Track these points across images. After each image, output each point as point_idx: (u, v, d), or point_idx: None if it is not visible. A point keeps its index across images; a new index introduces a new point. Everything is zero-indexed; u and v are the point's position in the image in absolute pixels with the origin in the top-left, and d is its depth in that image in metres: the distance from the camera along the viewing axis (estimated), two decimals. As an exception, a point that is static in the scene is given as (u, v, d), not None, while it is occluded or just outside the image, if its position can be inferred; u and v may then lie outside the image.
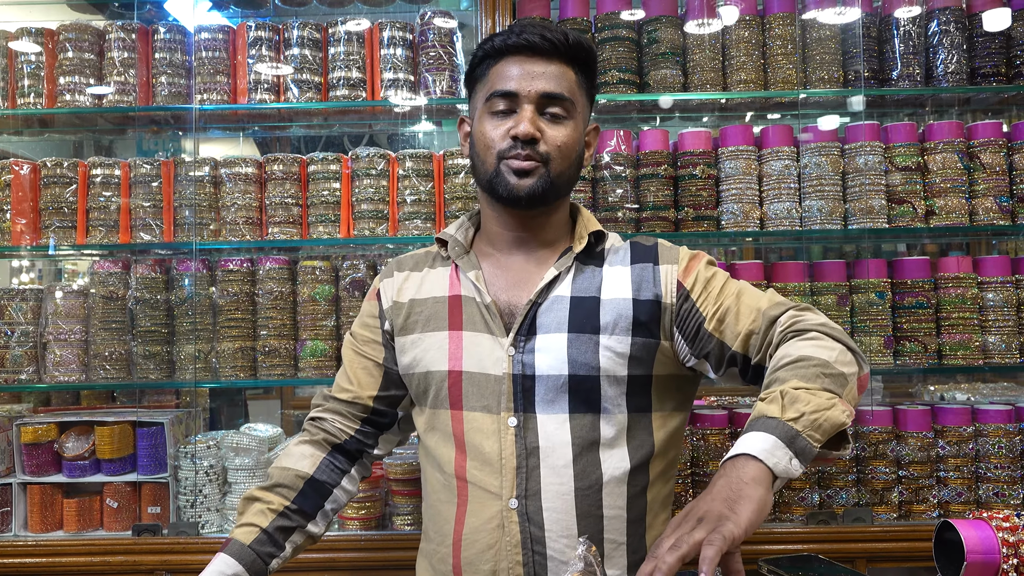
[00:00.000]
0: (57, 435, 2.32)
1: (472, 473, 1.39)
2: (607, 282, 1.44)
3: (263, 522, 1.41)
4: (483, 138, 1.43)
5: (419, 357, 1.46)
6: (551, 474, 1.36)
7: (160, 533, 2.22)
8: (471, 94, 1.51)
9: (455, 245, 1.51)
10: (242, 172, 2.37)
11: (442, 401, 1.44)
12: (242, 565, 1.36)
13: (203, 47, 2.39)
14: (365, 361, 1.55)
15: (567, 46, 1.41)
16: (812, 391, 1.12)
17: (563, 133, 1.41)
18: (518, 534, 1.34)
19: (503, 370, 1.39)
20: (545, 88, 1.40)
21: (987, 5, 2.38)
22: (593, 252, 1.49)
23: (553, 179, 1.41)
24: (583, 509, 1.36)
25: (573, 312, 1.41)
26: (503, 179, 1.40)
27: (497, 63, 1.43)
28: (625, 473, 1.39)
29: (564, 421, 1.37)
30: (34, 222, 2.40)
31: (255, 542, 1.39)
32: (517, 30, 1.42)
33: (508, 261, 1.49)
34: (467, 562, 1.37)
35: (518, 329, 1.41)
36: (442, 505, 1.44)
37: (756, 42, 2.38)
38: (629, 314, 1.41)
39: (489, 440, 1.38)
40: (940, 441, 2.24)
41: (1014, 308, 2.29)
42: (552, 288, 1.44)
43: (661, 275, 1.44)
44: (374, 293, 1.58)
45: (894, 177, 2.32)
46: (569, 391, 1.38)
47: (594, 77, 1.51)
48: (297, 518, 1.45)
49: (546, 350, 1.39)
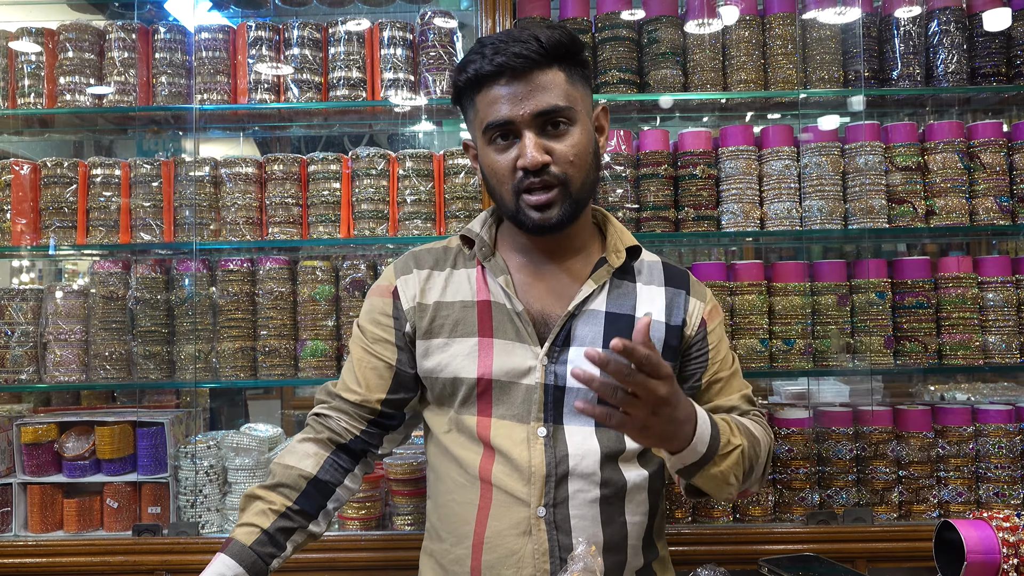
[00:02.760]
0: (57, 435, 2.32)
1: (498, 477, 1.38)
2: (642, 301, 1.46)
3: (264, 523, 1.39)
4: (492, 172, 1.39)
5: (445, 362, 1.43)
6: (579, 482, 1.37)
7: (160, 533, 2.22)
8: (465, 118, 1.46)
9: (482, 245, 1.47)
10: (242, 172, 2.37)
11: (470, 406, 1.43)
12: (242, 567, 1.34)
13: (203, 47, 2.39)
14: (375, 361, 1.49)
15: (544, 52, 1.32)
16: (745, 447, 1.33)
17: (571, 142, 1.35)
18: (546, 542, 1.35)
19: (536, 380, 1.39)
20: (538, 107, 1.32)
21: (987, 5, 2.38)
22: (626, 267, 1.48)
23: (575, 197, 1.37)
24: (607, 516, 1.38)
25: (608, 328, 1.42)
26: (526, 215, 1.37)
27: (480, 91, 1.36)
28: (645, 480, 1.43)
29: (592, 433, 1.40)
30: (34, 222, 2.40)
31: (256, 543, 1.37)
32: (489, 53, 1.33)
33: (539, 270, 1.47)
34: (488, 565, 1.37)
35: (554, 340, 1.40)
36: (459, 506, 1.42)
37: (756, 42, 2.38)
38: (661, 336, 1.45)
39: (518, 448, 1.38)
40: (940, 441, 2.24)
41: (1014, 308, 2.29)
42: (588, 302, 1.43)
43: (690, 306, 1.49)
44: (389, 290, 1.51)
45: (894, 177, 2.32)
46: (599, 403, 1.38)
47: (584, 62, 1.41)
48: (299, 519, 1.42)
49: (579, 362, 1.38)
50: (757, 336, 2.27)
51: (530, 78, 1.33)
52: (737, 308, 2.28)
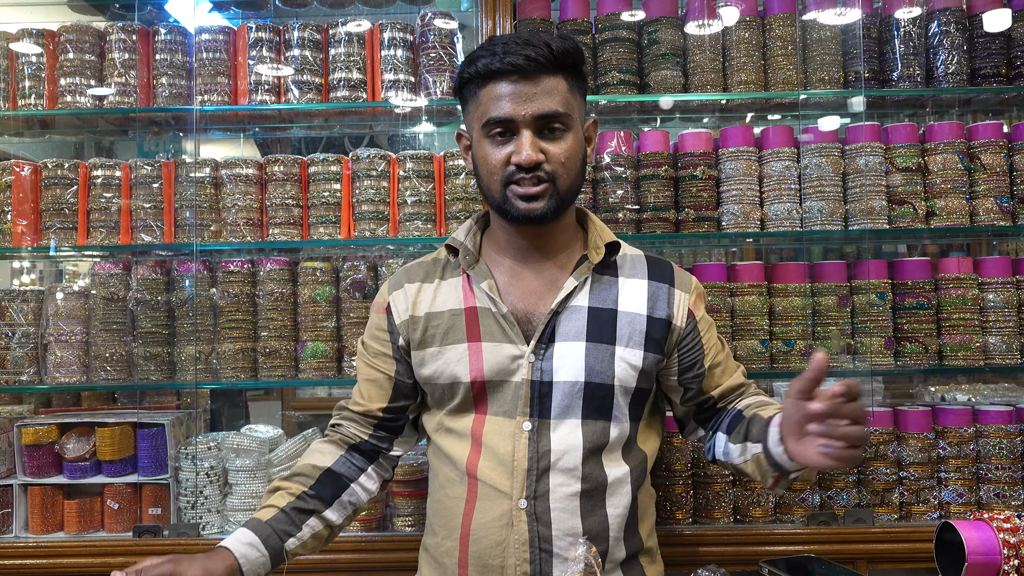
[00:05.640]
0: (58, 436, 2.32)
1: (484, 471, 1.44)
2: (623, 295, 1.50)
3: (281, 503, 1.50)
4: (485, 163, 1.45)
5: (441, 369, 1.50)
6: (560, 476, 1.43)
7: (161, 534, 2.22)
8: (463, 108, 1.52)
9: (466, 254, 1.54)
10: (243, 173, 2.37)
11: (468, 407, 1.50)
12: (259, 536, 1.44)
13: (204, 48, 2.39)
14: (376, 374, 1.60)
15: (553, 59, 1.40)
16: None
17: (565, 147, 1.42)
18: (526, 533, 1.41)
19: (523, 376, 1.45)
20: (540, 110, 1.39)
21: (987, 6, 2.38)
22: (607, 261, 1.54)
23: (562, 195, 1.44)
24: (587, 509, 1.43)
25: (591, 322, 1.47)
26: (512, 205, 1.43)
27: (485, 85, 1.42)
28: (626, 474, 1.48)
29: (576, 427, 1.44)
30: (35, 223, 2.40)
31: (272, 519, 1.48)
32: (500, 51, 1.39)
33: (522, 270, 1.53)
34: (475, 556, 1.43)
35: (539, 338, 1.46)
36: (450, 500, 1.49)
37: (756, 43, 2.38)
38: (643, 329, 1.49)
39: (504, 442, 1.44)
40: (941, 442, 2.24)
41: (1015, 309, 2.29)
42: (570, 298, 1.49)
43: (675, 298, 1.53)
44: (383, 306, 1.61)
45: (895, 178, 2.32)
46: (584, 398, 1.44)
47: (584, 74, 1.50)
48: (314, 502, 1.52)
49: (564, 357, 1.45)
50: (757, 337, 2.27)
51: (536, 81, 1.39)
52: (737, 309, 2.28)
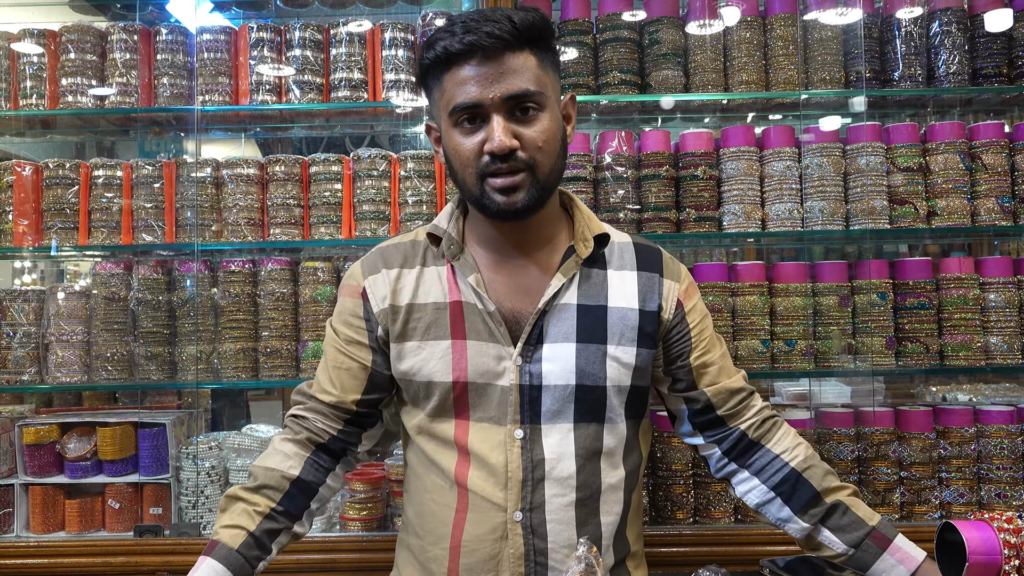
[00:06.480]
0: (59, 436, 2.32)
1: (475, 482, 1.36)
2: (613, 289, 1.42)
3: (250, 525, 1.36)
4: (457, 155, 1.33)
5: (419, 366, 1.40)
6: (555, 486, 1.36)
7: (162, 534, 2.22)
8: (428, 98, 1.40)
9: (450, 243, 1.42)
10: (244, 173, 2.37)
11: (447, 411, 1.40)
12: (230, 570, 1.31)
13: (205, 48, 2.39)
14: (350, 363, 1.46)
15: (517, 33, 1.27)
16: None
17: (540, 128, 1.30)
18: (522, 546, 1.34)
19: (511, 381, 1.36)
20: (508, 90, 1.27)
21: (989, 6, 2.38)
22: (595, 254, 1.43)
23: (542, 183, 1.32)
24: (582, 518, 1.37)
25: (580, 321, 1.38)
26: (490, 199, 1.32)
27: (448, 70, 1.30)
28: (621, 480, 1.41)
29: (569, 431, 1.37)
30: (36, 223, 2.40)
31: (243, 546, 1.34)
32: (459, 31, 1.27)
33: (508, 264, 1.42)
34: (466, 568, 1.36)
35: (527, 339, 1.37)
36: (437, 507, 1.41)
37: (757, 43, 2.38)
38: (635, 324, 1.41)
39: (495, 452, 1.36)
40: (942, 442, 2.24)
41: (1016, 309, 2.28)
42: (558, 296, 1.39)
43: (664, 288, 1.45)
44: (357, 291, 1.46)
45: (896, 178, 2.32)
46: (576, 401, 1.37)
47: (554, 48, 1.37)
48: (284, 520, 1.40)
49: (554, 360, 1.37)
50: (758, 337, 2.27)
51: (501, 60, 1.27)
52: (738, 309, 2.28)
